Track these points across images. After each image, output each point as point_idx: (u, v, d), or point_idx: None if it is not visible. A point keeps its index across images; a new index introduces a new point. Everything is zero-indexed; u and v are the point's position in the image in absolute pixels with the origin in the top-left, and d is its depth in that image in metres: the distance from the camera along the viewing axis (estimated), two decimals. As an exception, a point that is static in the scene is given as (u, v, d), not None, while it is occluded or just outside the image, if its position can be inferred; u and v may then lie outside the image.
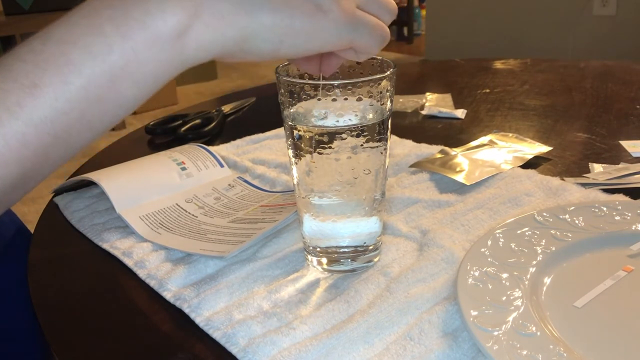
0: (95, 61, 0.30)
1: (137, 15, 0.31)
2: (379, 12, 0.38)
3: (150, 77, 0.32)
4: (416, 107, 0.86)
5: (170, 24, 0.31)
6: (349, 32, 0.36)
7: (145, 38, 0.31)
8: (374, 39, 0.37)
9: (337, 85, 0.39)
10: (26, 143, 0.29)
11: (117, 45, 0.31)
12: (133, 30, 0.31)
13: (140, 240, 0.52)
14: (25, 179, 0.31)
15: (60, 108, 0.30)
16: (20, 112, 0.29)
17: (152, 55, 0.31)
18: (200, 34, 0.32)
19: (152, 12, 0.31)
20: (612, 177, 0.58)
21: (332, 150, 0.41)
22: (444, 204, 0.55)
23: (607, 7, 2.40)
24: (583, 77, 0.97)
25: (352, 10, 0.36)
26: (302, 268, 0.46)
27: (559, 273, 0.43)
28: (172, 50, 0.32)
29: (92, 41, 0.30)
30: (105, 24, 0.31)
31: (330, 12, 0.35)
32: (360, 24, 0.36)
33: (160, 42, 0.31)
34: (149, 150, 0.76)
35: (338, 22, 0.35)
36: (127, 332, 0.41)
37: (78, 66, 0.30)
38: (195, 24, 0.32)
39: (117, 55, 0.31)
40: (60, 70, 0.30)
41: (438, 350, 0.37)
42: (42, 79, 0.29)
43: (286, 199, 0.56)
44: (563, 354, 0.34)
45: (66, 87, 0.30)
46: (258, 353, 0.37)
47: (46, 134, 0.30)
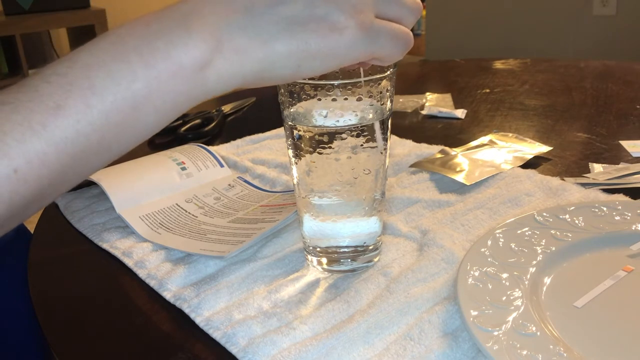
0: (119, 87, 0.31)
1: (162, 46, 0.32)
2: (401, 14, 0.37)
3: (171, 106, 0.33)
4: (416, 107, 0.86)
5: (192, 57, 0.32)
6: (368, 46, 0.35)
7: (168, 69, 0.32)
8: (395, 47, 0.36)
9: (337, 85, 0.39)
10: (46, 162, 0.30)
11: (140, 74, 0.31)
12: (157, 61, 0.31)
13: (140, 240, 0.52)
14: (42, 197, 0.31)
15: (82, 130, 0.30)
16: (42, 131, 0.29)
17: (174, 85, 0.32)
18: (221, 68, 0.33)
19: (175, 44, 0.32)
20: (612, 177, 0.58)
21: (332, 150, 0.41)
22: (444, 204, 0.55)
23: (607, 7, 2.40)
24: (583, 77, 0.97)
25: (369, 23, 0.35)
26: (302, 268, 0.46)
27: (559, 273, 0.43)
28: (194, 82, 0.33)
29: (116, 68, 0.31)
30: (130, 53, 0.31)
31: (346, 29, 0.34)
32: (380, 35, 0.35)
33: (183, 73, 0.32)
34: (149, 150, 0.76)
35: (355, 39, 0.34)
36: (127, 332, 0.41)
37: (101, 91, 0.30)
38: (216, 59, 0.33)
39: (140, 84, 0.31)
40: (83, 94, 0.30)
41: (438, 350, 0.37)
42: (66, 101, 0.30)
43: (286, 199, 0.56)
44: (563, 354, 0.34)
45: (88, 111, 0.30)
46: (258, 353, 0.37)
47: (65, 155, 0.30)
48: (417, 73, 1.12)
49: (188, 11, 0.33)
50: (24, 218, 0.32)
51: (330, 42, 0.34)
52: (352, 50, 0.35)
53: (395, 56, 0.37)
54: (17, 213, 0.31)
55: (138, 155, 0.66)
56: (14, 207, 0.30)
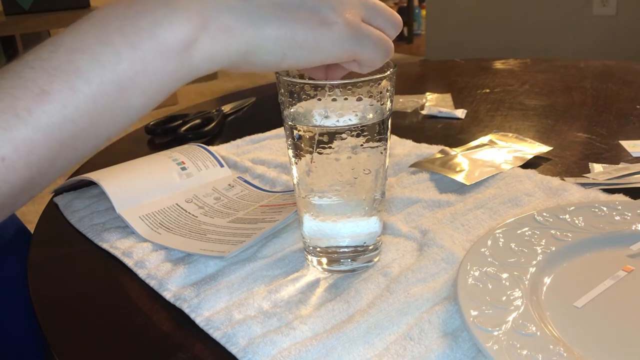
0: (104, 70, 0.30)
1: (146, 26, 0.31)
2: (384, 26, 0.38)
3: (157, 87, 0.33)
4: (416, 107, 0.86)
5: (178, 36, 0.32)
6: (353, 46, 0.36)
7: (153, 48, 0.31)
8: (377, 52, 0.37)
9: (337, 85, 0.39)
10: (34, 149, 0.29)
11: (126, 55, 0.31)
12: (142, 40, 0.31)
13: (140, 240, 0.52)
14: (32, 184, 0.31)
15: (69, 115, 0.30)
16: (29, 117, 0.29)
17: (160, 65, 0.32)
18: (206, 46, 0.33)
19: (160, 23, 0.31)
20: (612, 177, 0.58)
21: (332, 150, 0.41)
22: (444, 204, 0.55)
23: (607, 7, 2.40)
24: (583, 77, 0.97)
25: (356, 24, 0.36)
26: (302, 268, 0.46)
27: (559, 273, 0.43)
28: (180, 61, 0.32)
29: (101, 50, 0.31)
30: (114, 34, 0.31)
31: (335, 25, 0.35)
32: (364, 37, 0.36)
33: (168, 52, 0.32)
34: (149, 150, 0.76)
35: (342, 36, 0.35)
36: (127, 332, 0.41)
37: (87, 74, 0.30)
38: (202, 36, 0.32)
39: (125, 65, 0.31)
40: (68, 78, 0.30)
41: (438, 350, 0.37)
42: (51, 85, 0.29)
43: (286, 199, 0.56)
44: (563, 354, 0.34)
45: (74, 95, 0.30)
46: (258, 353, 0.37)
47: (54, 140, 0.30)
48: (417, 73, 1.12)
49: None
50: (14, 207, 0.32)
51: (318, 35, 0.34)
52: (337, 47, 0.35)
53: (376, 61, 0.38)
54: (7, 202, 0.30)
55: (138, 155, 0.66)
56: (4, 196, 0.29)
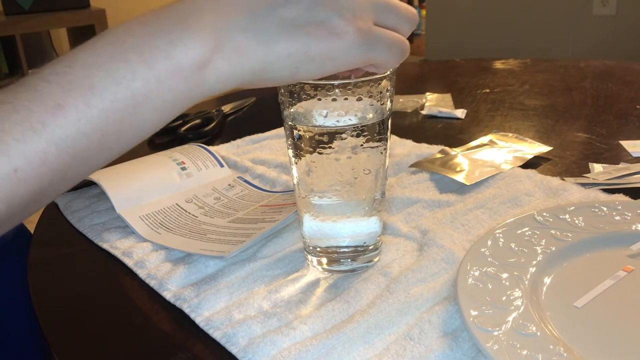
0: (119, 87, 0.31)
1: (161, 46, 0.32)
2: (398, 23, 0.37)
3: (170, 105, 0.33)
4: (416, 107, 0.86)
5: (192, 57, 0.32)
6: (366, 52, 0.36)
7: (167, 68, 0.32)
8: (392, 54, 0.37)
9: (337, 85, 0.39)
10: (46, 161, 0.30)
11: (140, 73, 0.31)
12: (156, 60, 0.32)
13: (140, 240, 0.52)
14: (42, 196, 0.31)
15: (82, 129, 0.30)
16: (42, 130, 0.29)
17: (174, 84, 0.32)
18: (219, 68, 0.33)
19: (175, 44, 0.32)
20: (612, 177, 0.58)
21: (332, 150, 0.41)
22: (444, 204, 0.55)
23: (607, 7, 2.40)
24: (583, 77, 0.97)
25: (367, 29, 0.35)
26: (302, 268, 0.46)
27: (559, 273, 0.43)
28: (193, 81, 0.33)
29: (116, 67, 0.31)
30: (129, 52, 0.31)
31: (346, 34, 0.34)
32: (377, 42, 0.36)
33: (182, 72, 0.32)
34: (149, 150, 0.76)
35: (354, 44, 0.35)
36: (127, 332, 0.41)
37: (101, 90, 0.31)
38: (215, 59, 0.33)
39: (140, 83, 0.31)
40: (83, 93, 0.30)
41: (438, 350, 0.37)
42: (66, 100, 0.30)
43: (286, 199, 0.56)
44: (563, 354, 0.34)
45: (88, 110, 0.30)
46: (258, 353, 0.37)
47: (66, 154, 0.30)
48: (417, 73, 1.12)
49: (188, 10, 0.33)
50: (23, 217, 0.32)
51: (329, 46, 0.34)
52: (350, 55, 0.35)
53: (392, 63, 0.38)
54: (17, 212, 0.31)
55: (138, 155, 0.66)
56: (14, 206, 0.30)
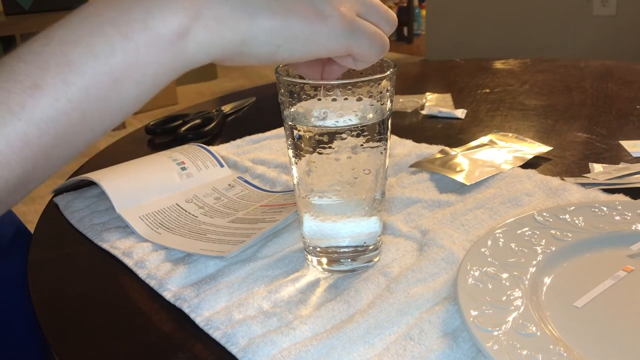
0: (97, 62, 0.30)
1: (139, 16, 0.31)
2: (379, 22, 0.38)
3: (151, 79, 0.32)
4: (416, 107, 0.86)
5: (171, 26, 0.32)
6: (347, 39, 0.36)
7: (146, 39, 0.31)
8: (372, 47, 0.37)
9: (337, 85, 0.39)
10: (28, 143, 0.29)
11: (119, 46, 0.31)
12: (134, 32, 0.31)
13: (140, 240, 0.52)
14: (27, 180, 0.31)
15: (62, 108, 0.30)
16: (22, 112, 0.29)
17: (153, 56, 0.32)
18: (200, 37, 0.33)
19: (153, 13, 0.31)
20: (612, 177, 0.58)
21: (332, 150, 0.41)
22: (444, 204, 0.55)
23: (607, 7, 2.40)
24: (583, 77, 0.97)
25: (351, 18, 0.36)
26: (302, 268, 0.46)
27: (559, 273, 0.43)
28: (173, 52, 0.32)
29: (93, 42, 0.30)
30: (106, 25, 0.31)
31: (330, 17, 0.35)
32: (359, 31, 0.36)
33: (162, 43, 0.32)
34: (149, 150, 0.76)
35: (337, 28, 0.35)
36: (127, 332, 0.41)
37: (79, 67, 0.30)
38: (195, 27, 0.32)
39: (119, 57, 0.31)
40: (61, 70, 0.30)
41: (438, 350, 0.37)
42: (44, 79, 0.29)
43: (286, 199, 0.56)
44: (563, 354, 0.34)
45: (67, 88, 0.30)
46: (258, 353, 0.37)
47: (48, 134, 0.30)
48: (417, 73, 1.12)
49: None
50: (10, 204, 0.32)
51: (313, 27, 0.34)
52: (331, 40, 0.35)
53: (371, 57, 0.38)
54: (2, 198, 0.30)
55: (138, 155, 0.66)
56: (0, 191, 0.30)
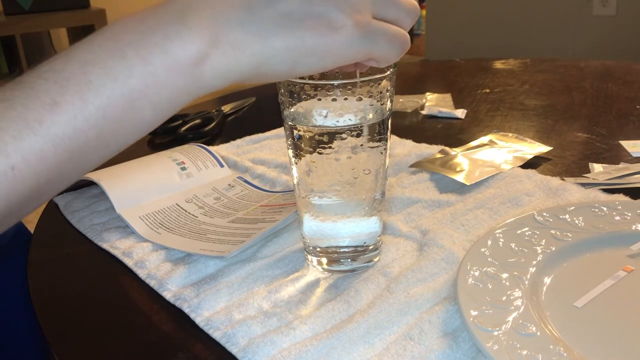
0: (116, 83, 0.31)
1: (158, 41, 0.32)
2: (398, 16, 0.37)
3: (167, 102, 0.33)
4: (416, 107, 0.86)
5: (188, 52, 0.32)
6: (365, 46, 0.35)
7: (164, 64, 0.32)
8: (392, 48, 0.36)
9: (337, 85, 0.39)
10: (43, 158, 0.30)
11: (137, 69, 0.31)
12: (153, 56, 0.31)
13: (140, 240, 0.52)
14: (39, 194, 0.31)
15: (79, 126, 0.30)
16: (39, 128, 0.29)
17: (171, 80, 0.32)
18: (217, 62, 0.33)
19: (172, 39, 0.32)
20: (612, 177, 0.58)
21: (332, 150, 0.41)
22: (444, 204, 0.55)
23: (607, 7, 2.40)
24: (583, 77, 0.97)
25: (366, 23, 0.35)
26: (302, 268, 0.46)
27: (559, 273, 0.43)
28: (190, 77, 0.33)
29: (112, 63, 0.31)
30: (126, 48, 0.31)
31: (343, 28, 0.34)
32: (376, 35, 0.35)
33: (179, 68, 0.32)
34: (149, 150, 0.76)
35: (352, 38, 0.34)
36: (127, 332, 0.41)
37: (98, 87, 0.30)
38: (212, 53, 0.33)
39: (137, 79, 0.31)
40: (80, 89, 0.30)
41: (438, 350, 0.37)
42: (63, 97, 0.30)
43: (286, 199, 0.56)
44: (563, 354, 0.34)
45: (85, 107, 0.30)
46: (258, 353, 0.37)
47: (63, 151, 0.30)
48: (417, 73, 1.12)
49: (185, 6, 0.33)
50: (21, 216, 0.32)
51: (327, 40, 0.34)
52: (348, 50, 0.35)
53: (392, 57, 0.37)
54: (14, 211, 0.30)
55: (138, 155, 0.66)
56: (12, 204, 0.30)
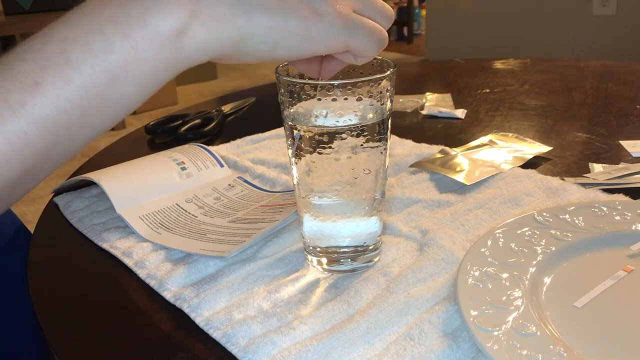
0: (96, 60, 0.30)
1: (137, 14, 0.31)
2: (376, 17, 0.38)
3: (150, 76, 0.32)
4: (416, 107, 0.86)
5: (169, 23, 0.32)
6: (345, 35, 0.36)
7: (144, 36, 0.31)
8: (371, 42, 0.37)
9: (337, 85, 0.39)
10: (28, 141, 0.29)
11: (117, 44, 0.31)
12: (133, 29, 0.31)
13: (140, 240, 0.52)
14: (27, 178, 0.31)
15: (62, 106, 0.30)
16: (22, 110, 0.29)
17: (152, 53, 0.32)
18: (198, 34, 0.33)
19: (151, 11, 0.31)
20: (612, 177, 0.58)
21: (332, 150, 0.41)
22: (444, 204, 0.55)
23: (607, 7, 2.40)
24: (583, 77, 0.97)
25: (348, 14, 0.36)
26: (302, 268, 0.46)
27: (559, 273, 0.43)
28: (171, 49, 0.32)
29: (92, 39, 0.30)
30: (105, 23, 0.31)
31: (326, 15, 0.35)
32: (357, 27, 0.36)
33: (160, 40, 0.32)
34: (149, 150, 0.76)
35: (333, 25, 0.35)
36: (127, 332, 0.41)
37: (79, 65, 0.30)
38: (193, 24, 0.32)
39: (117, 54, 0.31)
40: (60, 69, 0.30)
41: (438, 350, 0.37)
42: (43, 77, 0.29)
43: (286, 199, 0.56)
44: (563, 354, 0.34)
45: (67, 86, 0.30)
46: (258, 353, 0.37)
47: (48, 132, 0.30)
48: (417, 73, 1.12)
49: None
50: (10, 201, 0.32)
51: (309, 24, 0.35)
52: (328, 37, 0.35)
53: (370, 51, 0.38)
54: (3, 195, 0.30)
55: (138, 155, 0.66)
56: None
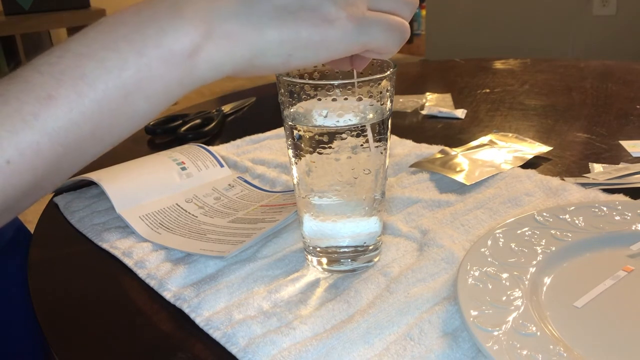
0: (110, 76, 0.31)
1: (152, 34, 0.32)
2: (396, 7, 0.36)
3: (162, 94, 0.33)
4: (416, 107, 0.86)
5: (182, 43, 0.32)
6: (360, 37, 0.35)
7: (158, 55, 0.32)
8: (389, 38, 0.36)
9: (337, 85, 0.39)
10: (39, 153, 0.30)
11: (131, 62, 0.31)
12: (147, 48, 0.32)
13: (140, 240, 0.52)
14: (36, 188, 0.31)
15: (74, 119, 0.30)
16: (34, 122, 0.29)
17: (165, 72, 0.32)
18: (211, 54, 0.33)
19: (165, 31, 0.32)
20: (612, 177, 0.58)
21: (332, 150, 0.41)
22: (444, 204, 0.55)
23: (607, 7, 2.40)
24: (583, 77, 0.97)
25: (360, 14, 0.35)
26: (302, 268, 0.46)
27: (559, 273, 0.43)
28: (184, 68, 0.33)
29: (107, 56, 0.31)
30: (120, 41, 0.31)
31: (337, 20, 0.34)
32: (371, 26, 0.35)
33: (173, 59, 0.32)
34: (149, 150, 0.76)
35: (346, 30, 0.34)
36: (127, 332, 0.41)
37: (93, 80, 0.31)
38: (206, 45, 0.33)
39: (131, 71, 0.31)
40: (75, 83, 0.30)
41: (438, 350, 0.37)
42: (58, 90, 0.30)
43: (286, 199, 0.56)
44: (563, 354, 0.34)
45: (80, 100, 0.30)
46: (258, 353, 0.37)
47: (59, 145, 0.30)
48: (417, 73, 1.12)
49: None
50: (18, 211, 0.32)
51: (321, 32, 0.34)
52: (343, 42, 0.35)
53: (390, 47, 0.37)
54: (11, 205, 0.30)
55: (138, 155, 0.66)
56: (8, 198, 0.30)
